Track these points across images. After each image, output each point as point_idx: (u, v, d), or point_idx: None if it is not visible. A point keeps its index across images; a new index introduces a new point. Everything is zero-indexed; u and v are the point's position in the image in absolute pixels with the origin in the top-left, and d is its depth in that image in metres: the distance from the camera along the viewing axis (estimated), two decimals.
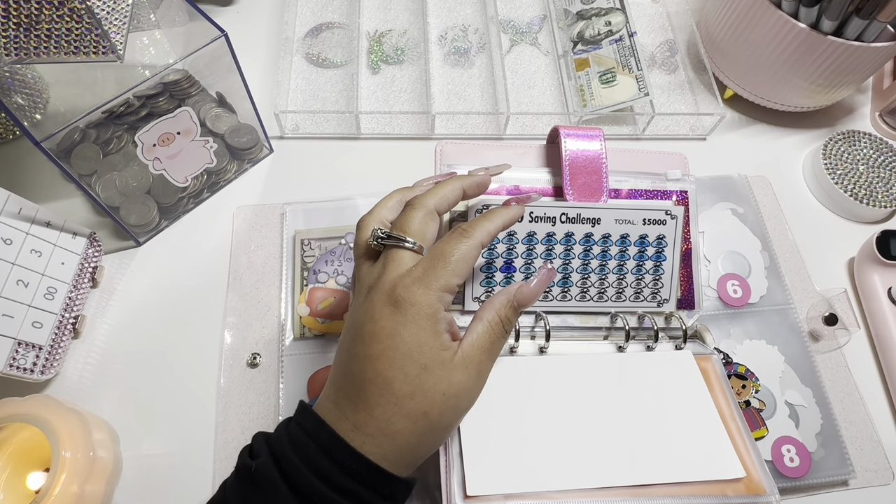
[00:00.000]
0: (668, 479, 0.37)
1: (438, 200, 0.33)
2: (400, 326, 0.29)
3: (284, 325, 0.47)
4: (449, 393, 0.30)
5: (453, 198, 0.34)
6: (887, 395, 0.49)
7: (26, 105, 0.50)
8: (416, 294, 0.29)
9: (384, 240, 0.32)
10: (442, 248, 0.31)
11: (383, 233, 0.32)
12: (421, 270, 0.30)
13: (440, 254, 0.30)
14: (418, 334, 0.29)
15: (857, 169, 0.57)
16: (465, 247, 0.31)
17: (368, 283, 0.31)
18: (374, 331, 0.29)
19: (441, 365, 0.29)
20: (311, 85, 0.60)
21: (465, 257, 0.31)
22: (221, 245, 0.50)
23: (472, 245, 0.31)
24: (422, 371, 0.29)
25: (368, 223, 0.34)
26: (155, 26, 0.50)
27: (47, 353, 0.43)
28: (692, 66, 0.64)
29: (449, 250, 0.30)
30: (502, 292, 0.33)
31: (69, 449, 0.36)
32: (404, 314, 0.29)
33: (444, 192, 0.34)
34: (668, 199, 0.45)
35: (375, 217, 0.34)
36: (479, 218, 0.33)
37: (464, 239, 0.31)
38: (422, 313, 0.29)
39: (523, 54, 0.64)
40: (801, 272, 0.53)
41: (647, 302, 0.44)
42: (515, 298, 0.33)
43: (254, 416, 0.44)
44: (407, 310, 0.29)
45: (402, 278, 0.30)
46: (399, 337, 0.29)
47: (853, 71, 0.53)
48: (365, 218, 0.34)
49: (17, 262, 0.41)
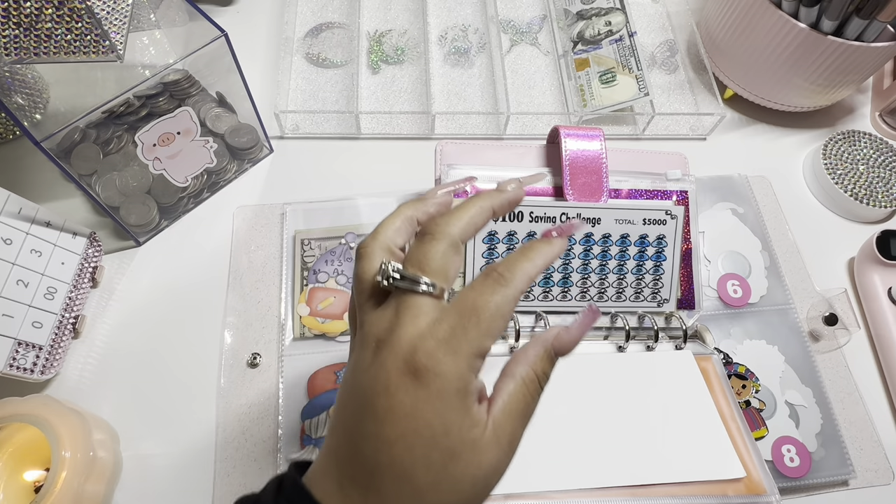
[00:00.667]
0: (669, 479, 0.37)
1: (464, 228, 0.27)
2: (422, 404, 0.23)
3: (284, 325, 0.47)
4: (478, 477, 0.24)
5: (481, 222, 0.28)
6: (887, 395, 0.49)
7: (26, 105, 0.50)
8: (441, 363, 0.23)
9: (398, 280, 0.25)
10: (473, 300, 0.24)
11: (396, 270, 0.25)
12: (447, 329, 0.24)
13: (471, 308, 0.24)
14: (445, 414, 0.23)
15: (857, 169, 0.57)
16: (503, 298, 0.24)
17: (377, 334, 0.25)
18: (389, 406, 0.23)
19: (472, 447, 0.24)
20: (311, 85, 0.60)
21: (503, 312, 0.24)
22: (221, 245, 0.50)
23: (511, 296, 0.25)
24: (449, 459, 0.24)
25: (373, 251, 0.27)
26: (155, 26, 0.50)
27: (47, 353, 0.43)
28: (692, 66, 0.64)
29: (483, 303, 0.24)
30: (536, 341, 0.27)
31: (69, 449, 0.36)
32: (427, 388, 0.23)
33: (470, 217, 0.27)
34: (669, 199, 0.45)
35: (381, 242, 0.27)
36: (517, 257, 0.26)
37: (500, 288, 0.25)
38: (449, 387, 0.23)
39: (523, 54, 0.64)
40: (801, 272, 0.53)
41: (647, 302, 0.44)
42: (553, 347, 0.27)
43: (254, 416, 0.44)
44: (431, 382, 0.23)
45: (424, 339, 0.24)
46: (422, 418, 0.23)
47: (853, 71, 0.53)
48: (367, 243, 0.27)
49: (17, 262, 0.41)
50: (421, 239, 0.26)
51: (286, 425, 0.43)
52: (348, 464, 0.25)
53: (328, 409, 0.43)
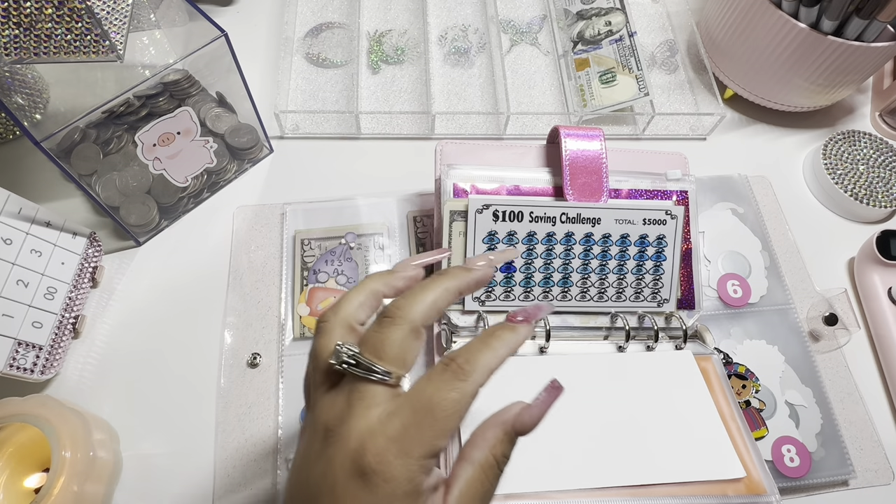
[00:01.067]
0: (669, 479, 0.37)
1: (426, 312, 0.25)
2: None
3: (284, 325, 0.47)
4: None
5: (444, 305, 0.26)
6: (887, 395, 0.49)
7: (26, 105, 0.50)
8: (391, 466, 0.22)
9: (352, 367, 0.24)
10: (429, 397, 0.23)
11: (351, 356, 0.24)
12: (399, 427, 0.22)
13: (427, 405, 0.23)
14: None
15: (857, 169, 0.57)
16: (460, 395, 0.23)
17: (326, 422, 0.24)
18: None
19: None
20: (311, 85, 0.60)
21: (459, 411, 0.23)
22: (221, 245, 0.50)
23: (470, 392, 0.23)
24: None
25: (332, 327, 0.26)
26: (155, 26, 0.50)
27: (47, 353, 0.43)
28: (692, 66, 0.64)
29: (438, 400, 0.23)
30: (494, 421, 0.26)
31: (69, 449, 0.36)
32: (375, 493, 0.22)
33: (433, 300, 0.26)
34: (669, 199, 0.45)
35: (341, 318, 0.26)
36: (479, 346, 0.25)
37: (458, 383, 0.23)
38: (398, 491, 0.22)
39: (523, 54, 0.64)
40: (801, 272, 0.53)
41: (647, 302, 0.44)
42: (514, 428, 0.25)
43: (254, 417, 0.44)
44: (379, 487, 0.22)
45: (374, 436, 0.22)
46: None
47: (853, 71, 0.53)
48: (328, 317, 0.26)
49: (17, 262, 0.41)
50: (380, 322, 0.25)
51: (286, 425, 0.43)
52: None
53: None
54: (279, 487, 0.41)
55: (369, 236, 0.50)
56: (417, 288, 0.26)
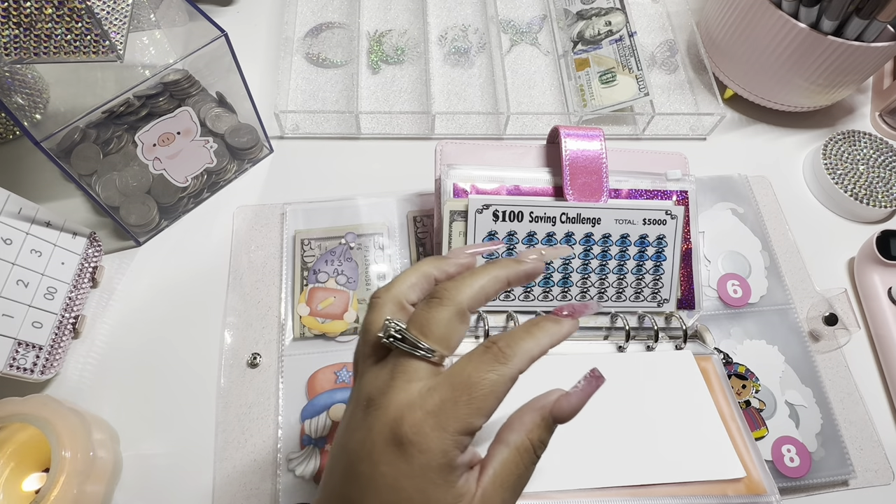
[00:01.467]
0: (669, 479, 0.37)
1: (474, 296, 0.26)
2: (404, 478, 0.23)
3: (284, 325, 0.47)
4: None
5: (493, 292, 0.27)
6: (887, 395, 0.49)
7: (26, 105, 0.50)
8: (427, 438, 0.23)
9: (398, 341, 0.25)
10: (468, 375, 0.24)
11: (398, 331, 0.25)
12: (437, 402, 0.23)
13: (465, 383, 0.23)
14: (426, 490, 0.23)
15: (857, 169, 0.57)
16: (499, 377, 0.23)
17: (369, 392, 0.25)
18: (371, 476, 0.23)
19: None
20: (311, 85, 0.60)
21: (497, 392, 0.24)
22: (221, 245, 0.50)
23: (508, 375, 0.24)
24: None
25: (384, 303, 0.27)
26: (155, 26, 0.50)
27: (47, 353, 0.43)
28: (692, 66, 0.64)
29: (477, 380, 0.23)
30: (533, 406, 0.26)
31: (69, 449, 0.36)
32: (410, 463, 0.23)
33: (482, 285, 0.26)
34: (669, 199, 0.45)
35: (393, 295, 0.27)
36: (522, 334, 0.25)
37: (497, 365, 0.24)
38: (432, 463, 0.23)
39: (523, 54, 0.64)
40: (801, 272, 0.53)
41: (647, 302, 0.44)
42: (553, 414, 0.26)
43: (254, 417, 0.44)
44: (414, 457, 0.22)
45: (412, 409, 0.23)
46: (403, 492, 0.23)
47: (853, 71, 0.53)
48: (380, 293, 0.27)
49: (17, 262, 0.41)
50: (428, 302, 0.26)
51: (286, 425, 0.43)
52: None
53: (328, 409, 0.43)
54: (279, 487, 0.41)
55: (369, 236, 0.50)
56: (467, 273, 0.27)
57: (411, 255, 0.50)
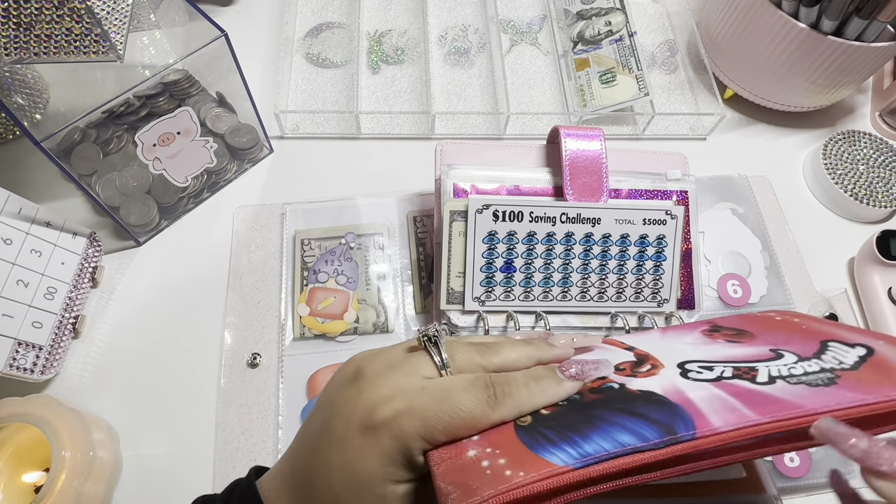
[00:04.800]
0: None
1: (501, 365, 0.27)
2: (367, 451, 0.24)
3: (284, 325, 0.47)
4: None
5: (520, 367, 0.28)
6: None
7: (26, 105, 0.50)
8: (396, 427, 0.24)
9: (427, 341, 0.27)
10: (457, 398, 0.24)
11: (434, 333, 0.27)
12: (422, 405, 0.24)
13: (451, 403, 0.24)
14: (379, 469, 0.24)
15: (857, 169, 0.57)
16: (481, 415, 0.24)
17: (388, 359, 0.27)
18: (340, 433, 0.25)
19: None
20: (311, 85, 0.60)
21: (471, 426, 0.24)
22: (221, 245, 0.50)
23: (491, 420, 0.24)
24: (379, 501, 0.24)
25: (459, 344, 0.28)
26: (155, 26, 0.50)
27: (47, 353, 0.43)
28: (692, 66, 0.64)
29: (461, 406, 0.24)
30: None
31: (69, 449, 0.36)
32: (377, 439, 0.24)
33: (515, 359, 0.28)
34: (669, 199, 0.45)
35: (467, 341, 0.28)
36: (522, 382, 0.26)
37: (485, 406, 0.24)
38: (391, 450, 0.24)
39: (523, 54, 0.64)
40: (801, 272, 0.53)
41: (647, 302, 0.44)
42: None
43: (254, 417, 0.44)
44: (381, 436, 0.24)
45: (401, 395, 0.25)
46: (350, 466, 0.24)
47: (853, 71, 0.53)
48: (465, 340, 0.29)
49: (17, 262, 0.41)
50: (473, 346, 0.28)
51: (286, 425, 0.43)
52: (300, 476, 0.26)
53: None
54: None
55: (369, 236, 0.50)
56: (508, 344, 0.28)
57: (411, 255, 0.50)
